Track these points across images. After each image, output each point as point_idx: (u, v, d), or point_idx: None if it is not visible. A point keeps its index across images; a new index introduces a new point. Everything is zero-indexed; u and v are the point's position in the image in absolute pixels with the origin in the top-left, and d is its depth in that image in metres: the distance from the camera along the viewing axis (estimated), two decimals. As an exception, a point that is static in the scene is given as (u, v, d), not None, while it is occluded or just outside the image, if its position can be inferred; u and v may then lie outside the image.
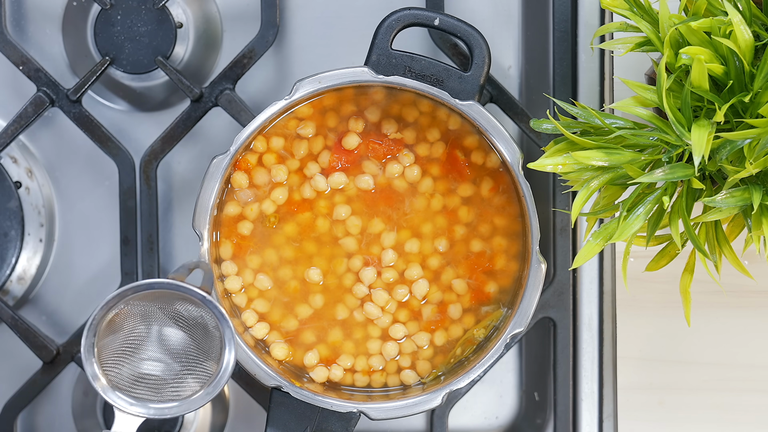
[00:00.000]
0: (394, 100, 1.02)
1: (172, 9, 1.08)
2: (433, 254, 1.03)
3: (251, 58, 1.07)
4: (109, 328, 0.95)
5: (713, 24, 0.87)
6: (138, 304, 0.95)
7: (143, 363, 0.96)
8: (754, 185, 0.87)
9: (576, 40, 1.06)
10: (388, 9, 1.02)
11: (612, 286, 1.07)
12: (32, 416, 1.12)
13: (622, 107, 0.90)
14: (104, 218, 1.12)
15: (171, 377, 0.96)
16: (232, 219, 1.03)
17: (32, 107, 1.07)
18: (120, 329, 0.95)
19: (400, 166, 1.03)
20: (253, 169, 1.03)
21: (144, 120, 1.11)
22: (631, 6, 0.91)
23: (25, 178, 1.11)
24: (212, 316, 0.94)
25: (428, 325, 1.03)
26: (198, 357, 0.96)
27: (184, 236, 1.11)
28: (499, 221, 1.03)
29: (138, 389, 0.95)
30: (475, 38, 1.00)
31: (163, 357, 0.96)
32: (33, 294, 1.12)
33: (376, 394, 1.03)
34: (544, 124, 0.93)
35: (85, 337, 0.93)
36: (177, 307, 0.95)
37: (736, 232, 0.93)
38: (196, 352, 0.96)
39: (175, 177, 1.12)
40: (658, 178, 0.87)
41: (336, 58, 1.10)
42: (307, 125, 1.03)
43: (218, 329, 0.95)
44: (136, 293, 0.93)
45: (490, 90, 1.06)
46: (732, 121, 0.88)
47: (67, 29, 1.11)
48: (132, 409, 0.95)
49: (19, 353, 1.11)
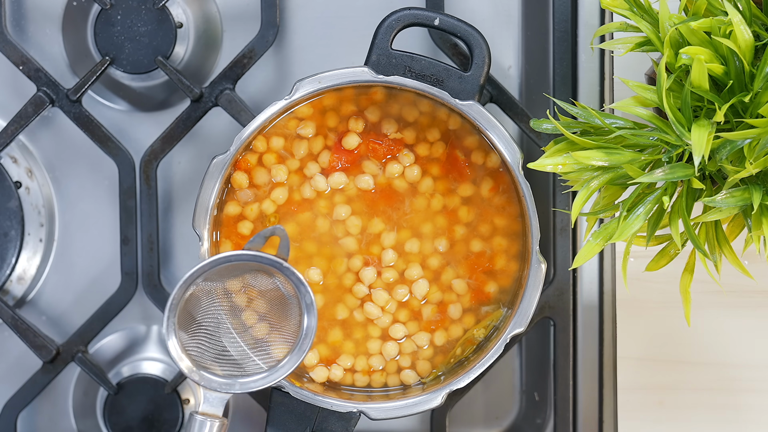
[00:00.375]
0: (394, 100, 1.02)
1: (172, 9, 1.08)
2: (433, 254, 1.03)
3: (251, 58, 1.07)
4: (186, 308, 0.95)
5: (713, 24, 0.87)
6: (213, 282, 0.95)
7: (223, 339, 0.97)
8: (754, 185, 0.87)
9: (576, 40, 1.06)
10: (388, 9, 1.02)
11: (612, 286, 1.07)
12: (32, 416, 1.12)
13: (622, 107, 0.90)
14: (104, 218, 1.12)
15: (252, 351, 0.96)
16: (232, 219, 1.03)
17: (32, 107, 1.07)
18: (197, 308, 0.96)
19: (400, 166, 1.03)
20: (253, 169, 1.03)
21: (144, 120, 1.11)
22: (631, 6, 0.91)
23: (25, 178, 1.11)
24: (289, 282, 0.94)
25: (428, 325, 1.03)
26: (277, 326, 0.96)
27: (184, 236, 1.11)
28: (499, 221, 1.03)
29: (221, 366, 0.96)
30: (475, 38, 1.00)
31: (242, 331, 0.97)
32: (33, 294, 1.12)
33: (376, 394, 1.03)
34: (544, 124, 0.93)
35: (166, 318, 0.94)
36: (251, 279, 0.96)
37: (736, 232, 0.93)
38: (275, 322, 0.97)
39: (175, 177, 1.12)
40: (658, 178, 0.87)
41: (336, 58, 1.10)
42: (307, 125, 1.03)
43: (295, 296, 0.94)
44: (215, 267, 0.94)
45: (490, 90, 1.06)
46: (732, 121, 0.88)
47: (67, 29, 1.11)
48: (219, 387, 0.95)
49: (19, 353, 1.11)
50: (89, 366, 1.08)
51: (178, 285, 0.94)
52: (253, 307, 0.98)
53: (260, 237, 0.96)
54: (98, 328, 1.08)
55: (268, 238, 0.96)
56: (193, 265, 1.02)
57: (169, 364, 1.11)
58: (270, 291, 0.97)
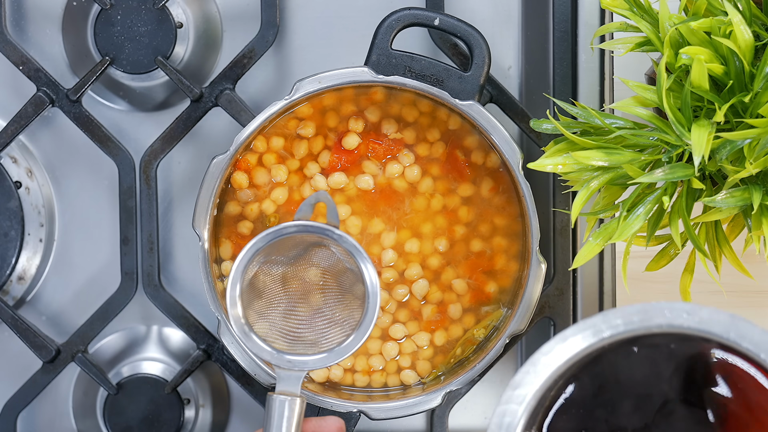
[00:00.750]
0: (394, 100, 1.02)
1: (172, 9, 1.08)
2: (433, 254, 1.03)
3: (251, 58, 1.06)
4: (250, 290, 0.95)
5: (713, 24, 0.87)
6: (271, 263, 0.96)
7: (291, 318, 0.96)
8: (754, 185, 0.87)
9: (576, 40, 1.06)
10: (388, 9, 1.02)
11: (612, 286, 1.07)
12: (32, 416, 1.12)
13: (622, 107, 0.90)
14: (104, 218, 1.12)
15: (321, 327, 0.96)
16: (232, 219, 1.03)
17: (32, 107, 1.07)
18: (261, 290, 0.96)
19: (400, 166, 1.03)
20: (253, 169, 1.03)
21: (144, 120, 1.11)
22: (631, 6, 0.91)
23: (25, 178, 1.11)
24: (344, 249, 0.94)
25: (428, 325, 1.03)
26: (342, 299, 0.96)
27: (184, 236, 1.11)
28: (499, 221, 1.03)
29: (292, 345, 0.96)
30: (475, 38, 1.00)
31: (308, 308, 0.97)
32: (33, 294, 1.12)
33: (376, 394, 1.03)
34: (544, 124, 0.93)
35: (230, 306, 0.94)
36: (310, 253, 0.96)
37: (736, 232, 0.93)
38: (339, 295, 0.97)
39: (175, 177, 1.11)
40: (658, 178, 0.87)
41: (336, 58, 1.10)
42: (307, 125, 1.03)
43: (354, 264, 0.95)
44: (267, 243, 0.94)
45: (490, 90, 1.06)
46: (732, 121, 0.88)
47: (67, 29, 1.11)
48: (293, 365, 0.95)
49: (19, 353, 1.11)
50: (89, 366, 1.08)
51: (232, 271, 0.94)
52: (316, 281, 0.98)
53: (306, 205, 0.95)
54: (98, 328, 1.08)
55: (314, 205, 0.96)
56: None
57: (169, 364, 1.11)
58: (328, 263, 0.97)
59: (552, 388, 0.86)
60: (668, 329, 0.83)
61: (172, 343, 1.12)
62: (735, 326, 0.82)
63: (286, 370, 0.95)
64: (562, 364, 0.84)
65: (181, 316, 1.08)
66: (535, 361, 0.84)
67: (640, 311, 0.83)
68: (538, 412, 0.86)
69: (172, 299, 1.08)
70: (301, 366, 0.95)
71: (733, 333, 0.82)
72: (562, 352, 0.84)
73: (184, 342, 1.11)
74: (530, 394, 0.84)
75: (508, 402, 0.84)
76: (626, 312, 0.83)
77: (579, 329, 0.84)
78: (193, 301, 1.09)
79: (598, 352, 0.85)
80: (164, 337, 1.12)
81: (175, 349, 1.12)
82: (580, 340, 0.84)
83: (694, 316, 0.82)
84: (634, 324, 0.83)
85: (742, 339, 0.81)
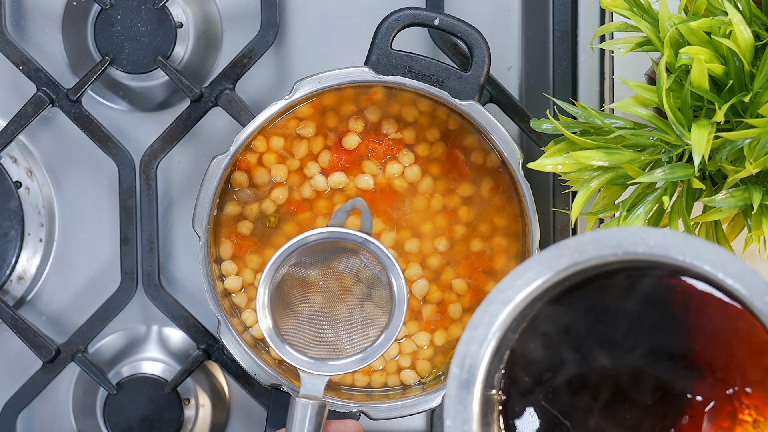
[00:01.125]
0: (394, 100, 1.02)
1: (172, 9, 1.08)
2: (433, 254, 1.03)
3: (251, 58, 1.06)
4: (279, 294, 0.95)
5: (713, 24, 0.87)
6: (300, 267, 0.96)
7: (318, 323, 0.97)
8: (754, 185, 0.87)
9: (576, 40, 1.06)
10: (388, 9, 1.02)
11: (612, 286, 1.07)
12: (32, 416, 1.12)
13: (622, 107, 0.90)
14: (104, 218, 1.12)
15: (347, 332, 0.96)
16: (232, 219, 1.03)
17: (32, 107, 1.07)
18: (290, 294, 0.96)
19: (400, 165, 1.03)
20: (253, 168, 1.03)
21: (144, 120, 1.11)
22: (631, 6, 0.91)
23: (25, 178, 1.11)
24: (375, 257, 0.94)
25: (428, 325, 1.03)
26: (369, 305, 0.97)
27: (184, 236, 1.11)
28: (499, 221, 1.03)
29: (318, 350, 0.96)
30: (475, 38, 1.00)
31: (336, 313, 0.97)
32: (33, 294, 1.12)
33: (376, 394, 1.03)
34: (544, 124, 0.93)
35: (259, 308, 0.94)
36: (338, 259, 0.96)
37: (736, 232, 0.93)
38: (366, 301, 0.97)
39: (175, 177, 1.11)
40: (658, 178, 0.87)
41: (336, 58, 1.10)
42: (307, 125, 1.03)
43: (383, 272, 0.95)
44: (298, 248, 0.94)
45: (490, 90, 1.06)
46: (732, 121, 0.88)
47: (67, 29, 1.11)
48: (317, 369, 0.95)
49: (19, 353, 1.11)
50: (89, 366, 1.08)
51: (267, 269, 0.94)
52: (343, 287, 0.98)
53: (342, 211, 0.95)
54: (98, 328, 1.08)
55: (350, 211, 0.96)
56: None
57: (169, 364, 1.11)
58: (357, 269, 0.97)
59: (515, 328, 0.83)
60: (624, 257, 0.79)
61: (172, 343, 1.12)
62: (690, 247, 0.78)
63: (311, 374, 0.95)
64: (520, 301, 0.81)
65: (181, 316, 1.08)
66: (491, 299, 0.81)
67: (594, 239, 0.80)
68: (503, 354, 0.84)
69: (172, 299, 1.08)
70: (326, 370, 0.95)
71: (689, 255, 0.78)
72: (519, 288, 0.81)
73: (184, 342, 1.11)
74: (490, 333, 0.81)
75: (468, 343, 0.81)
76: (580, 241, 0.80)
77: (534, 262, 0.81)
78: (193, 301, 1.09)
79: (560, 290, 0.83)
80: (164, 337, 1.12)
81: (175, 349, 1.12)
82: (536, 275, 0.81)
83: (648, 240, 0.79)
84: (588, 253, 0.80)
85: (699, 259, 0.78)
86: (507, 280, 0.81)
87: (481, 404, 0.82)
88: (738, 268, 0.77)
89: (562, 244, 0.80)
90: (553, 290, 0.82)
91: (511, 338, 0.83)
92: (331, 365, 0.95)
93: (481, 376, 0.81)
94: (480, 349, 0.81)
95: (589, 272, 0.82)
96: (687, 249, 0.78)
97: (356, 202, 0.96)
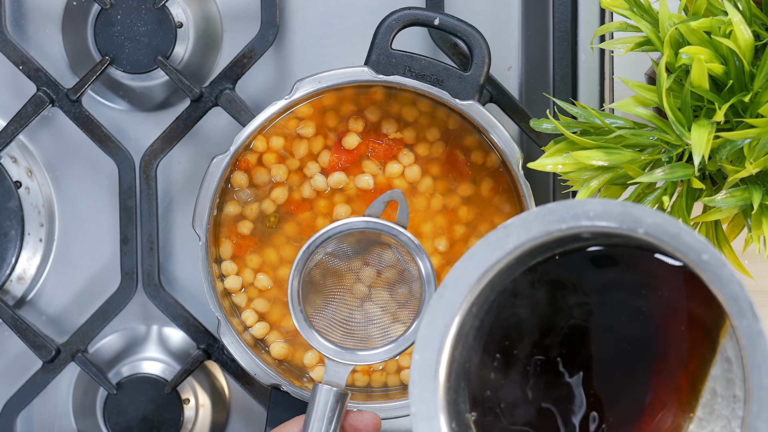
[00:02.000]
0: (394, 99, 1.02)
1: (172, 9, 1.08)
2: (433, 254, 1.03)
3: (251, 58, 1.07)
4: (308, 283, 0.95)
5: (713, 24, 0.87)
6: (333, 256, 0.96)
7: (348, 313, 0.97)
8: (754, 185, 0.87)
9: (576, 40, 1.06)
10: (388, 9, 1.02)
11: (612, 286, 1.07)
12: (32, 416, 1.12)
13: (622, 107, 0.90)
14: (104, 218, 1.12)
15: (376, 324, 0.96)
16: (232, 219, 1.03)
17: (32, 107, 1.07)
18: (322, 282, 0.96)
19: (400, 165, 1.03)
20: (253, 168, 1.03)
21: (144, 120, 1.11)
22: (631, 6, 0.91)
23: (25, 178, 1.11)
24: (407, 251, 0.94)
25: (428, 325, 1.03)
26: (399, 299, 0.97)
27: (184, 236, 1.11)
28: (499, 221, 1.03)
29: (346, 339, 0.96)
30: (475, 38, 1.00)
31: (366, 305, 0.97)
32: (33, 294, 1.12)
33: (376, 393, 1.03)
34: (544, 124, 0.93)
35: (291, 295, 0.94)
36: (371, 250, 0.96)
37: (736, 232, 0.93)
38: (396, 295, 0.97)
39: (175, 177, 1.11)
40: (658, 178, 0.87)
41: (336, 58, 1.10)
42: (307, 125, 1.03)
43: (415, 266, 0.95)
44: (333, 236, 0.94)
45: (490, 90, 1.06)
46: (732, 120, 0.88)
47: (67, 29, 1.11)
48: (343, 358, 0.95)
49: (19, 353, 1.11)
50: (89, 366, 1.08)
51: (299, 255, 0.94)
52: (373, 279, 0.98)
53: (380, 202, 0.96)
54: (98, 328, 1.09)
55: (388, 203, 0.96)
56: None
57: (169, 363, 1.11)
58: (389, 262, 0.97)
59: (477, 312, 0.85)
60: (569, 231, 0.80)
61: (172, 343, 1.12)
62: (629, 214, 0.79)
63: (336, 362, 0.95)
64: (475, 283, 0.82)
65: (181, 315, 1.08)
66: (446, 284, 0.82)
67: (538, 215, 0.81)
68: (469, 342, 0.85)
69: (171, 299, 1.08)
70: (351, 359, 0.95)
71: (627, 222, 0.79)
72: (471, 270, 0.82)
73: (184, 342, 1.11)
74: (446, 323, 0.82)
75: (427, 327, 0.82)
76: (525, 219, 0.81)
77: (483, 243, 0.82)
78: (193, 301, 1.09)
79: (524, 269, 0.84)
80: (164, 337, 1.12)
81: (175, 349, 1.12)
82: (486, 254, 0.82)
83: (589, 212, 0.80)
84: (534, 230, 0.81)
85: (638, 225, 0.79)
86: (460, 264, 0.82)
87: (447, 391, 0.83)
88: (675, 229, 0.78)
89: (508, 224, 0.81)
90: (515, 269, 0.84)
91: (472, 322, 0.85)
92: (357, 355, 0.96)
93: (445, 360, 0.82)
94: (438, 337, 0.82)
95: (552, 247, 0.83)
96: (626, 216, 0.79)
97: (394, 194, 0.96)
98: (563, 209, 0.80)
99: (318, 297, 0.97)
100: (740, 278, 0.77)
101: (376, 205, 0.96)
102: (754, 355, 0.75)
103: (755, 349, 0.75)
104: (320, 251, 0.96)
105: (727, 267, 0.76)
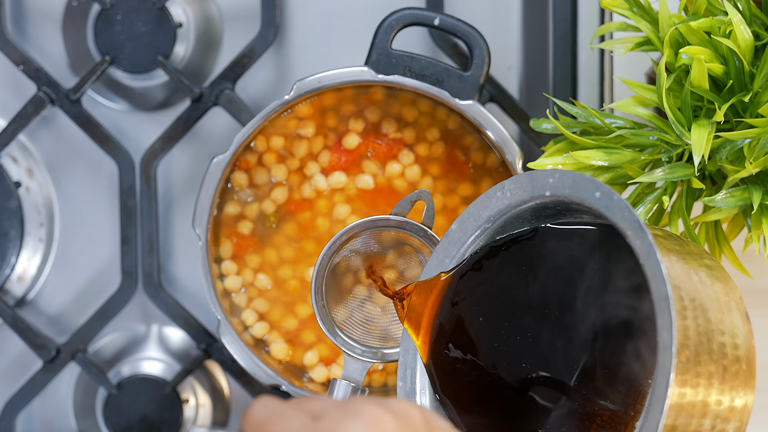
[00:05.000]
0: (394, 99, 1.02)
1: (172, 9, 1.08)
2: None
3: (251, 58, 1.07)
4: (331, 278, 0.95)
5: (713, 24, 0.87)
6: (357, 254, 0.96)
7: (369, 311, 0.97)
8: (754, 185, 0.87)
9: (576, 40, 1.06)
10: (388, 9, 1.02)
11: (612, 286, 1.07)
12: (32, 416, 1.12)
13: (622, 107, 0.90)
14: (104, 218, 1.12)
15: (396, 322, 0.96)
16: (232, 219, 1.03)
17: (32, 107, 1.07)
18: (345, 279, 0.96)
19: (400, 165, 1.03)
20: (253, 168, 1.03)
21: (144, 120, 1.11)
22: (631, 6, 0.91)
23: (25, 178, 1.11)
24: (431, 252, 0.95)
25: (428, 325, 1.03)
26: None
27: (184, 236, 1.11)
28: (499, 221, 1.03)
29: (366, 337, 0.96)
30: (475, 38, 1.00)
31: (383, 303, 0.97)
32: (33, 294, 1.12)
33: (375, 393, 1.03)
34: (544, 123, 0.93)
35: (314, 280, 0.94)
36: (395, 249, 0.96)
37: (736, 232, 0.93)
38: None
39: (175, 177, 1.12)
40: (658, 178, 0.87)
41: (336, 58, 1.10)
42: (307, 125, 1.03)
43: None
44: (365, 230, 0.94)
45: (490, 90, 1.06)
46: (732, 120, 0.88)
47: (67, 29, 1.11)
48: (362, 355, 0.95)
49: (19, 353, 1.11)
50: (89, 366, 1.08)
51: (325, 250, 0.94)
52: (397, 278, 0.98)
53: (407, 201, 0.95)
54: (98, 328, 1.09)
55: (414, 202, 0.96)
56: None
57: (169, 363, 1.11)
58: (414, 262, 0.97)
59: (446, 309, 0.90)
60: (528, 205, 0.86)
61: (172, 342, 1.12)
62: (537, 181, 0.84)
63: (355, 359, 0.95)
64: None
65: (181, 315, 1.08)
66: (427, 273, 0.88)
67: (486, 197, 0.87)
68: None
69: (171, 299, 1.08)
70: (371, 357, 0.95)
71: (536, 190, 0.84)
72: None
73: (184, 342, 1.12)
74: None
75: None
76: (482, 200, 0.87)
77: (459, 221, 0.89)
78: (193, 301, 1.09)
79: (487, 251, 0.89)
80: (164, 337, 1.12)
81: (175, 349, 1.12)
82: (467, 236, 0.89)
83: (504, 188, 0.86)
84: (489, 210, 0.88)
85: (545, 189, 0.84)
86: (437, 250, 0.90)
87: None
88: (570, 179, 0.82)
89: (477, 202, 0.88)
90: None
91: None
92: (376, 352, 0.96)
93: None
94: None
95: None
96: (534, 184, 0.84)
97: (422, 194, 0.96)
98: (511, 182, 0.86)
99: (340, 293, 0.97)
100: (628, 203, 0.79)
101: (403, 204, 0.95)
102: (650, 266, 0.77)
103: (650, 262, 0.77)
104: (345, 248, 0.95)
105: (616, 195, 0.79)
